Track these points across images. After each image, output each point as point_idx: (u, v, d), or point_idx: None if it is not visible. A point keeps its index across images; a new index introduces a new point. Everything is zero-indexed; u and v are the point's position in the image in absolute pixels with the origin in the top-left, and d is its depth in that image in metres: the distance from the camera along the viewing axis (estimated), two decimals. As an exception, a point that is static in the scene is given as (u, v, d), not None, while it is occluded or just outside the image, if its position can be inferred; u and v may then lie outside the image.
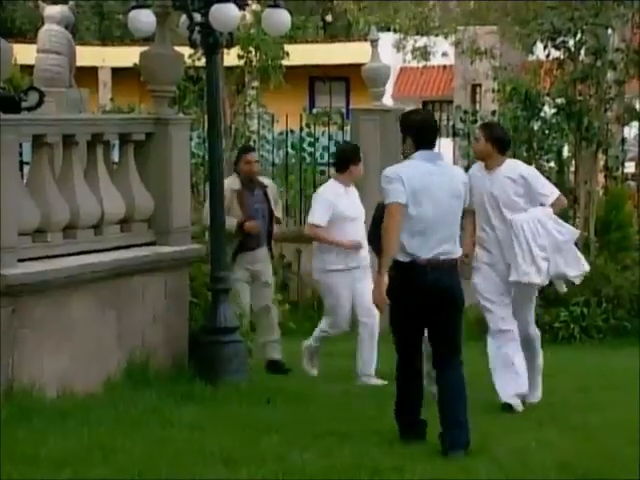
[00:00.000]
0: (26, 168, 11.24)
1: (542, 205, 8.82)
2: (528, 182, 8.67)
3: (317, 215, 10.73)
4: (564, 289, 9.47)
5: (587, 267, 9.07)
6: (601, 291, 14.85)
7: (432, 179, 7.56)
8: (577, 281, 9.16)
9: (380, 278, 6.96)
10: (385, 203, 7.32)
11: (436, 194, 7.59)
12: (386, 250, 7.07)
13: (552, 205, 8.76)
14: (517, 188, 8.63)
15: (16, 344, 9.84)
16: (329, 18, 31.98)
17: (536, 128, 16.75)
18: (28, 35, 22.85)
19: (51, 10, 15.22)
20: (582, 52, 16.62)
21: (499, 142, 8.81)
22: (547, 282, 8.93)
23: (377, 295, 6.99)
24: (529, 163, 15.74)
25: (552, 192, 8.83)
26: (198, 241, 12.19)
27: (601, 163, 16.97)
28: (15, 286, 9.29)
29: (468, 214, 8.78)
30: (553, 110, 16.86)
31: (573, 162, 16.80)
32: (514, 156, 16.83)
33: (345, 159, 11.02)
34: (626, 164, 18.38)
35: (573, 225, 14.20)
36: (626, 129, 18.80)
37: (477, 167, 9.05)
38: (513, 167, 8.85)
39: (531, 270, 8.58)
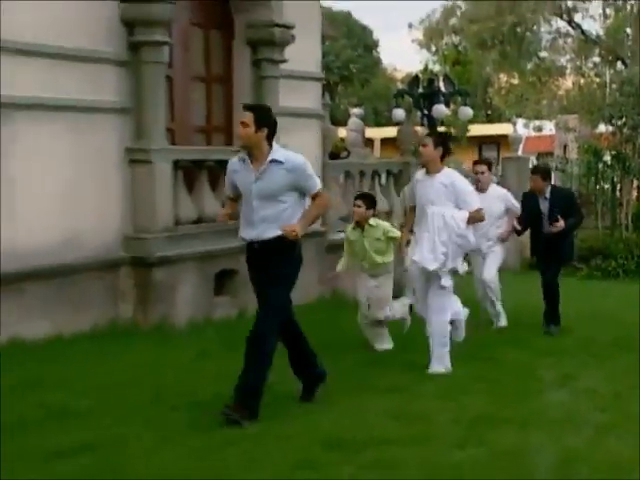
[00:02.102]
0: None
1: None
2: (457, 190, 8.39)
3: None
4: (446, 283, 8.65)
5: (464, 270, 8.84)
6: (632, 252, 18.33)
7: None
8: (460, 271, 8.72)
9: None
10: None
11: None
12: None
13: (470, 215, 8.39)
14: (448, 193, 8.34)
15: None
16: (489, 112, 35.29)
17: (600, 168, 20.64)
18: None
19: (355, 111, 20.15)
20: (627, 128, 20.64)
21: (445, 150, 8.54)
22: (437, 270, 8.36)
23: None
24: (595, 190, 20.92)
25: (474, 204, 8.48)
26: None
27: (634, 185, 20.53)
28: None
29: (410, 210, 9.18)
30: (609, 157, 20.77)
31: (619, 185, 20.37)
32: (587, 186, 21.17)
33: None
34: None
35: (619, 217, 19.87)
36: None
37: (421, 172, 8.74)
38: (449, 175, 8.51)
39: (430, 257, 8.31)
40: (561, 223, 10.72)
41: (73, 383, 7.87)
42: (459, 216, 8.38)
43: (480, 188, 11.20)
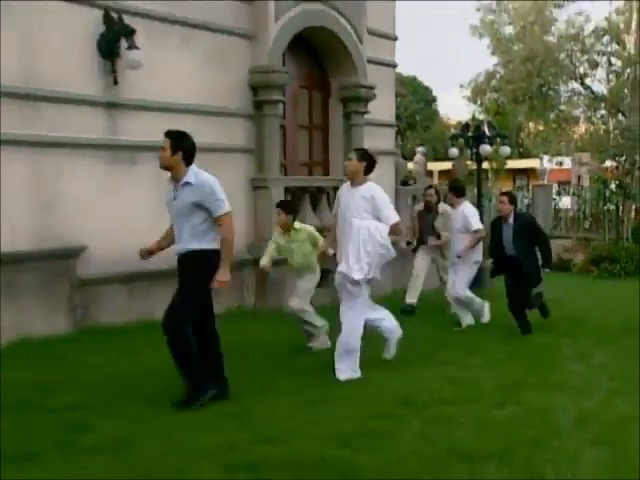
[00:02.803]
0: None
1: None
2: (376, 204, 6.96)
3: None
4: (353, 289, 6.92)
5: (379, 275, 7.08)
6: (632, 257, 17.70)
7: None
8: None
9: None
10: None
11: None
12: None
13: (390, 228, 6.97)
14: (367, 206, 6.93)
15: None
16: (522, 150, 34.62)
17: (606, 193, 20.40)
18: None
19: (419, 149, 19.99)
20: (627, 163, 20.43)
21: (369, 164, 7.12)
22: (362, 280, 6.88)
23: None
24: (602, 210, 20.33)
25: (392, 218, 7.01)
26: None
27: (633, 207, 19.80)
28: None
29: (335, 219, 7.46)
30: (614, 186, 20.41)
31: (621, 207, 19.75)
32: (597, 207, 20.60)
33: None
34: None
35: (621, 231, 19.33)
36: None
37: (346, 185, 7.29)
38: (370, 189, 7.06)
39: (355, 267, 6.86)
40: (549, 266, 9.39)
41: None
42: (382, 228, 7.01)
43: (450, 204, 10.44)
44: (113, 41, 9.17)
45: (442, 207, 11.04)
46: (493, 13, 28.70)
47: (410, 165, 19.57)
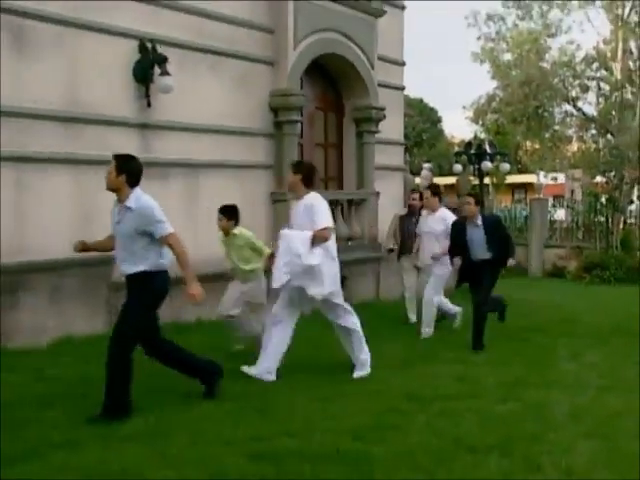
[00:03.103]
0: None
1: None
2: (312, 211, 6.53)
3: None
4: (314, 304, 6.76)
5: (327, 291, 6.60)
6: (621, 264, 17.77)
7: None
8: (317, 297, 6.58)
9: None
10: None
11: None
12: None
13: (314, 234, 6.45)
14: (307, 215, 6.52)
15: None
16: (520, 166, 34.53)
17: (597, 206, 20.17)
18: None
19: (425, 165, 20.64)
20: (616, 179, 21.19)
21: (307, 176, 6.66)
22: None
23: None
24: (594, 221, 20.00)
25: (320, 224, 6.51)
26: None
27: (621, 219, 20.05)
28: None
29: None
30: (604, 199, 20.43)
31: (610, 219, 19.69)
32: (589, 218, 20.17)
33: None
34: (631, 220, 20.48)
35: (611, 241, 19.07)
36: (632, 206, 21.66)
37: (295, 199, 6.90)
38: (311, 198, 6.65)
39: (276, 276, 6.48)
40: (512, 261, 8.60)
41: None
42: (301, 237, 6.47)
43: (429, 209, 9.49)
44: (147, 68, 9.23)
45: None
46: (492, 41, 28.80)
47: (417, 180, 19.59)
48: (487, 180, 21.50)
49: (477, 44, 29.58)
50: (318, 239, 6.54)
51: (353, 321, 6.95)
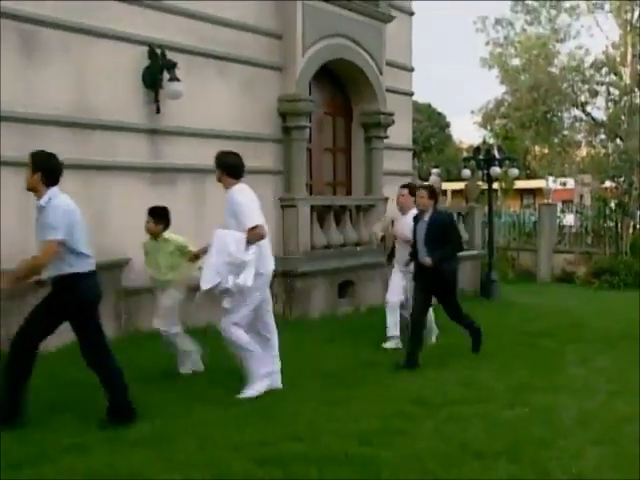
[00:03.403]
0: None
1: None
2: (234, 209, 6.02)
3: None
4: (226, 304, 6.07)
5: (249, 282, 5.94)
6: (631, 269, 17.77)
7: None
8: (245, 284, 5.88)
9: None
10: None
11: None
12: None
13: (247, 234, 5.93)
14: (231, 211, 6.04)
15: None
16: (528, 171, 34.75)
17: (606, 211, 20.15)
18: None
19: (434, 171, 20.58)
20: (625, 183, 20.61)
21: (230, 168, 6.17)
22: (213, 289, 5.97)
23: None
24: (603, 227, 19.96)
25: (248, 222, 5.97)
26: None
27: (631, 224, 19.86)
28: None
29: None
30: (613, 204, 20.33)
31: (620, 224, 19.69)
32: (598, 224, 20.11)
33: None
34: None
35: (620, 246, 19.12)
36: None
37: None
38: (231, 192, 6.12)
39: (206, 277, 5.95)
40: (427, 260, 7.47)
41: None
42: (235, 237, 5.96)
43: (400, 209, 8.56)
44: (156, 74, 9.25)
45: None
46: (501, 46, 28.75)
47: (425, 185, 19.63)
48: (496, 185, 20.98)
49: (485, 49, 29.47)
50: (253, 239, 6.00)
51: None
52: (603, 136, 26.93)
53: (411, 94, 14.40)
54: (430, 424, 5.37)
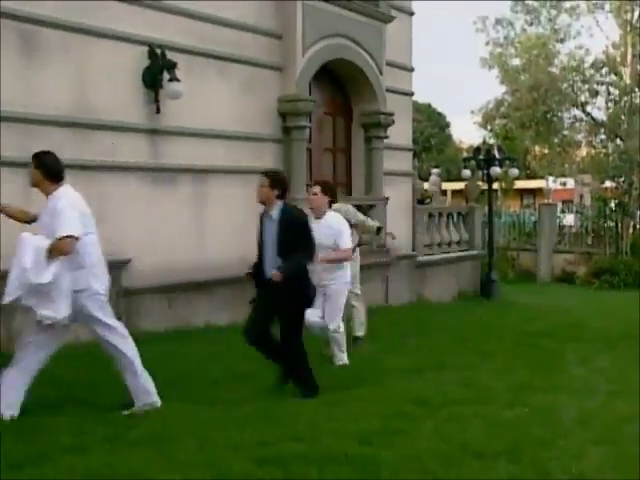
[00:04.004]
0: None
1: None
2: (56, 217, 5.07)
3: None
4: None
5: (61, 315, 5.10)
6: (631, 269, 18.15)
7: None
8: (46, 321, 5.11)
9: None
10: None
11: None
12: None
13: (54, 245, 5.01)
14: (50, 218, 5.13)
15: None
16: (528, 171, 34.68)
17: (607, 211, 20.49)
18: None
19: (434, 171, 19.77)
20: (625, 183, 21.03)
21: (50, 172, 5.24)
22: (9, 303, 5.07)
23: None
24: (603, 227, 20.17)
25: (63, 232, 5.02)
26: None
27: (631, 224, 20.24)
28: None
29: None
30: (613, 204, 20.72)
31: (620, 224, 20.04)
32: (598, 224, 20.20)
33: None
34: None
35: (620, 246, 19.22)
36: (643, 211, 21.39)
37: None
38: (59, 196, 5.21)
39: (7, 290, 5.03)
40: (276, 274, 6.00)
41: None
42: (37, 245, 5.08)
43: (313, 212, 7.26)
44: (156, 74, 9.24)
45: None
46: (501, 46, 28.72)
47: (426, 185, 19.49)
48: (496, 185, 21.10)
49: (485, 49, 29.48)
50: (58, 252, 5.10)
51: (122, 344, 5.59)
52: (603, 136, 27.00)
53: (411, 94, 14.40)
54: (430, 424, 5.36)
